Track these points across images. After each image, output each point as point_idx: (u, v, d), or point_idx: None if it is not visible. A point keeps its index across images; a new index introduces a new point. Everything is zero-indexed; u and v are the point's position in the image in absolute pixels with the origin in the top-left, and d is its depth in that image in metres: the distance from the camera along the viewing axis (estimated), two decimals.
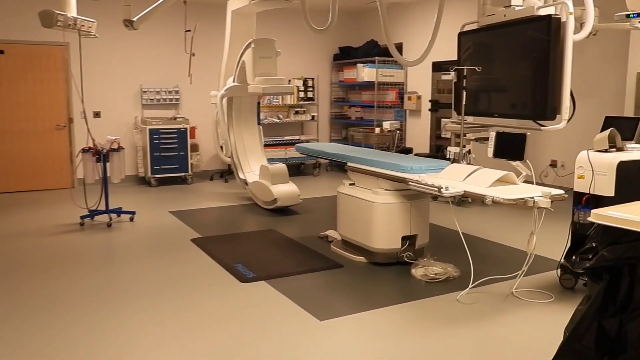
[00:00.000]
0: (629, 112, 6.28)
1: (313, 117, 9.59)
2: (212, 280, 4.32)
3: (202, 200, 7.47)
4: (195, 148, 8.81)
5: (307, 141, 9.65)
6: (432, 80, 8.63)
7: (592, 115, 6.48)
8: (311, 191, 7.95)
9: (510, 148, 4.07)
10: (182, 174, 8.56)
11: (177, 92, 8.84)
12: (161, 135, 8.31)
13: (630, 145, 3.89)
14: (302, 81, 9.42)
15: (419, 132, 8.97)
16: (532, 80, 4.37)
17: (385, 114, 9.26)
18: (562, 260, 3.94)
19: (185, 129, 8.48)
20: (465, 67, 4.48)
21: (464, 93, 4.50)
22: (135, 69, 8.68)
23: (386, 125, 8.28)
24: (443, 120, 8.09)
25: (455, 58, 8.42)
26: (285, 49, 7.74)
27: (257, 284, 4.22)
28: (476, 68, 4.41)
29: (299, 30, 9.74)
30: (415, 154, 8.04)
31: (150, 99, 8.74)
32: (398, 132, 8.45)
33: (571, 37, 4.09)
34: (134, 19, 6.13)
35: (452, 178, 4.04)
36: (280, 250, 5.12)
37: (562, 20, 4.15)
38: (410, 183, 3.91)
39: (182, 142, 8.46)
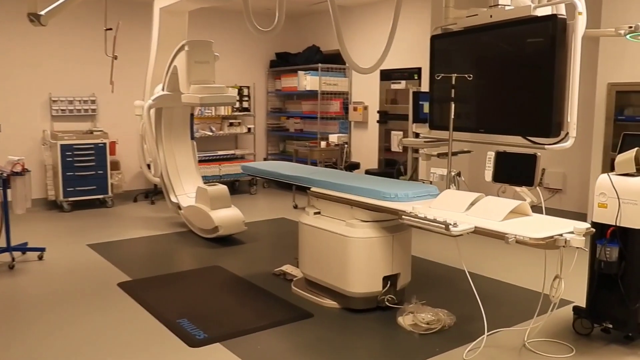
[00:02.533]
0: (599, 124, 5.91)
1: (249, 129, 8.70)
2: (150, 344, 3.36)
3: (126, 227, 6.39)
4: (115, 166, 7.67)
5: (243, 156, 8.76)
6: (380, 89, 8.00)
7: None
8: (252, 213, 7.05)
9: (515, 171, 3.45)
10: (101, 196, 7.40)
11: (93, 101, 7.67)
12: (75, 152, 7.13)
13: None
14: (236, 90, 8.52)
15: (366, 145, 8.31)
16: (531, 90, 3.77)
17: (328, 125, 8.53)
18: (586, 304, 3.34)
19: (104, 144, 7.33)
20: (455, 74, 3.82)
21: (452, 105, 3.83)
22: (43, 74, 7.43)
23: (333, 138, 7.55)
24: (393, 132, 7.48)
25: (407, 66, 8.02)
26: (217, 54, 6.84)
27: (211, 348, 3.30)
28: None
29: (231, 33, 8.85)
30: (366, 171, 7.36)
31: (62, 110, 7.52)
32: (346, 146, 7.73)
33: (580, 41, 3.52)
34: (42, 12, 5.01)
35: (450, 208, 3.34)
36: (233, 295, 4.22)
37: (567, 22, 3.58)
38: (405, 217, 3.16)
39: (101, 159, 7.31)
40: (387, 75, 7.78)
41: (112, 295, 4.17)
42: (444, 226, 2.93)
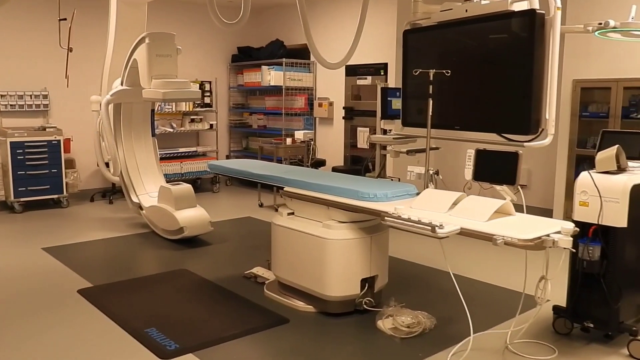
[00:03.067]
0: (564, 120, 5.96)
1: (211, 125, 8.44)
2: (118, 357, 3.14)
3: (84, 229, 6.07)
4: (71, 164, 7.30)
5: (204, 153, 8.51)
6: (345, 85, 7.88)
7: None
8: (216, 212, 6.83)
9: (496, 169, 3.38)
10: (55, 196, 7.03)
11: (45, 96, 7.28)
12: (26, 150, 6.73)
13: (633, 164, 3.34)
14: (197, 85, 8.24)
15: (331, 142, 8.19)
16: (509, 86, 3.71)
17: (293, 122, 8.36)
18: (567, 303, 3.31)
19: (58, 141, 6.96)
20: (433, 70, 3.71)
21: (430, 102, 3.73)
22: None
23: (298, 135, 7.39)
24: (359, 129, 7.38)
25: (373, 61, 7.91)
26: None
27: (183, 359, 3.11)
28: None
29: (191, 26, 8.57)
30: (333, 169, 7.24)
31: (11, 105, 7.10)
32: (312, 142, 7.59)
33: (558, 36, 3.48)
34: None
35: (431, 208, 3.24)
36: (203, 300, 4.02)
37: (546, 17, 3.54)
38: (387, 219, 3.04)
39: (54, 158, 6.94)
40: (353, 71, 7.67)
41: (72, 304, 3.91)
42: (429, 228, 2.82)
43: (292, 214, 3.98)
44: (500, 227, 2.89)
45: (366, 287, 3.69)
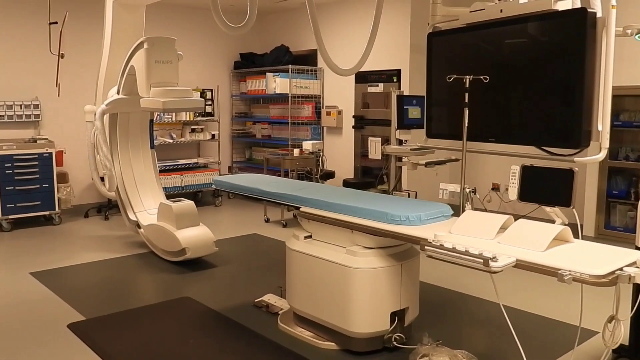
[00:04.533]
0: None
1: (213, 135, 8.00)
2: None
3: (77, 250, 5.61)
4: (63, 178, 6.85)
5: (206, 165, 8.06)
6: (355, 93, 7.46)
7: None
8: (219, 229, 6.38)
9: (546, 188, 2.95)
10: (47, 213, 6.57)
11: (36, 106, 6.83)
12: (16, 163, 6.29)
13: None
14: (199, 93, 7.82)
15: (340, 152, 7.76)
16: (555, 94, 3.29)
17: (299, 131, 7.93)
18: (630, 342, 2.86)
19: (50, 153, 6.51)
20: (469, 76, 3.29)
21: (466, 111, 3.30)
22: None
23: (307, 145, 6.96)
24: (371, 139, 6.95)
25: (385, 68, 7.47)
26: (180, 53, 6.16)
27: None
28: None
29: (191, 31, 8.16)
30: (344, 182, 6.80)
31: (0, 116, 6.66)
32: (321, 153, 7.15)
33: (613, 39, 3.06)
34: None
35: (475, 234, 2.80)
36: (209, 335, 3.56)
37: (598, 16, 3.12)
38: (428, 248, 2.60)
39: (46, 171, 6.49)
40: (363, 78, 7.25)
41: (61, 342, 3.45)
42: (481, 261, 2.38)
43: (310, 237, 3.54)
44: (562, 258, 2.44)
45: (396, 322, 3.25)
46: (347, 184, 6.72)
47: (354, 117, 7.45)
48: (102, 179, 5.77)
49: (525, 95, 3.46)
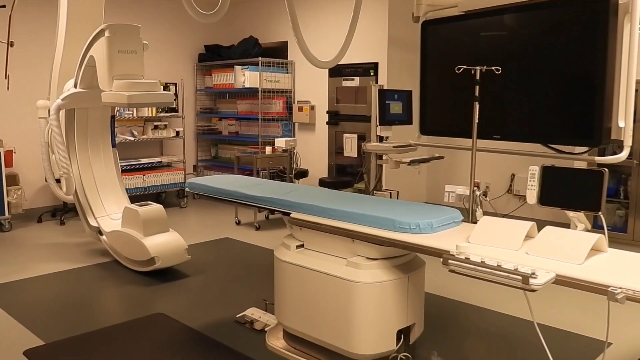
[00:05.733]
0: None
1: (177, 132, 7.51)
2: None
3: (31, 259, 5.07)
4: (13, 180, 6.25)
5: (169, 164, 7.56)
6: (329, 87, 7.11)
7: None
8: (187, 233, 5.92)
9: (571, 191, 2.68)
10: None
11: None
12: None
13: None
14: (162, 87, 7.29)
15: (313, 150, 7.40)
16: (570, 88, 3.02)
17: (269, 128, 7.53)
18: None
19: None
20: (480, 67, 2.98)
21: (476, 106, 3.00)
22: None
23: (280, 142, 6.56)
24: (346, 135, 6.63)
25: (361, 61, 7.12)
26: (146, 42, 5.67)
27: None
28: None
29: (153, 21, 7.64)
30: (320, 181, 6.44)
31: None
32: (295, 151, 6.76)
33: (638, 26, 2.81)
34: None
35: (497, 244, 2.50)
36: (190, 358, 3.15)
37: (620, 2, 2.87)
38: (452, 262, 2.27)
39: None
40: (338, 71, 6.90)
41: None
42: (520, 278, 2.07)
43: (302, 246, 3.17)
44: (604, 272, 2.16)
45: (402, 340, 2.92)
46: (323, 183, 6.37)
47: (327, 112, 7.10)
48: (58, 181, 5.25)
49: (537, 88, 3.19)
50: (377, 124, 5.67)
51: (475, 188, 3.18)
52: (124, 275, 4.63)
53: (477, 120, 3.07)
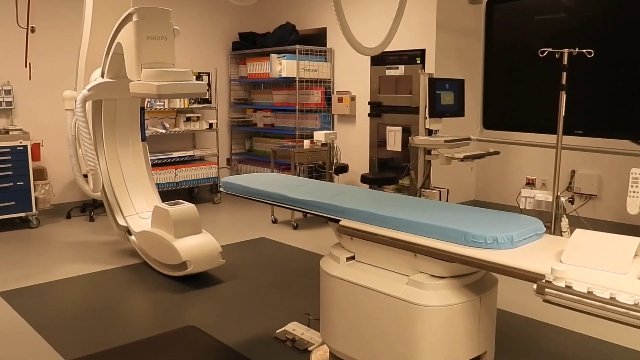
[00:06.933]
0: None
1: (210, 125, 7.16)
2: None
3: (56, 260, 4.78)
4: (41, 174, 5.99)
5: (202, 158, 7.22)
6: (371, 76, 6.65)
7: None
8: (221, 232, 5.60)
9: None
10: (22, 214, 5.73)
11: (8, 91, 5.94)
12: None
13: None
14: (194, 77, 6.95)
15: (353, 143, 6.96)
16: None
17: (307, 120, 7.12)
18: None
19: (24, 147, 5.65)
20: (572, 50, 2.51)
21: (563, 95, 2.53)
22: None
23: (319, 136, 6.14)
24: (389, 128, 6.18)
25: (406, 48, 6.64)
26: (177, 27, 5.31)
27: None
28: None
29: (185, 8, 7.29)
30: (363, 177, 5.99)
31: None
32: (336, 145, 6.34)
33: None
34: None
35: (599, 265, 2.03)
36: None
37: None
38: (550, 292, 1.82)
39: (21, 167, 5.64)
40: (380, 59, 6.43)
41: None
42: None
43: (353, 258, 2.75)
44: None
45: None
46: (365, 179, 5.93)
47: (369, 103, 6.65)
48: (86, 176, 4.96)
49: (631, 77, 2.69)
50: (427, 115, 5.22)
51: (560, 194, 2.71)
52: (153, 280, 4.29)
53: (563, 113, 2.59)
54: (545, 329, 3.40)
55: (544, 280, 1.87)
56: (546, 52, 2.59)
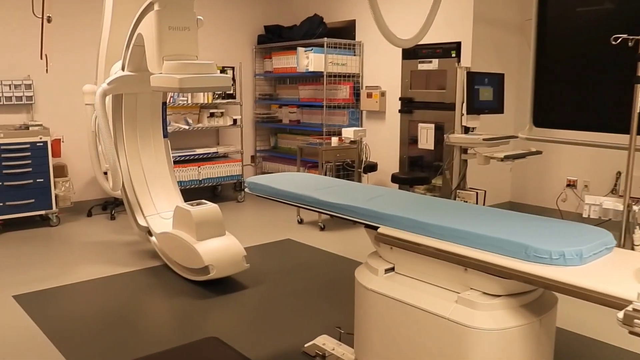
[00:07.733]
0: None
1: (235, 121, 6.93)
2: None
3: (75, 260, 4.60)
4: (61, 171, 5.83)
5: (226, 155, 7.00)
6: (402, 71, 6.34)
7: None
8: (245, 233, 5.37)
9: None
10: (42, 212, 5.57)
11: (29, 86, 5.78)
12: (4, 155, 5.28)
13: None
14: (219, 72, 6.72)
15: (383, 141, 6.67)
16: None
17: (334, 116, 6.85)
18: None
19: (44, 142, 5.49)
20: None
21: (638, 88, 2.22)
22: None
23: (347, 133, 5.87)
24: (421, 125, 5.88)
25: (440, 40, 6.31)
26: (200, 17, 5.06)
27: None
28: None
29: (208, 1, 7.06)
30: (393, 177, 5.69)
31: None
32: (365, 143, 6.05)
33: None
34: None
35: None
36: None
37: None
38: (639, 323, 1.53)
39: (41, 164, 5.48)
40: (413, 53, 6.11)
41: None
42: None
43: (392, 269, 2.48)
44: None
45: None
46: (396, 179, 5.64)
47: (400, 99, 6.34)
48: (106, 173, 4.77)
49: None
50: (464, 112, 4.91)
51: (631, 201, 2.39)
52: (174, 284, 4.07)
53: (638, 110, 2.27)
54: (607, 351, 3.07)
55: (631, 309, 1.57)
56: (620, 40, 2.27)
